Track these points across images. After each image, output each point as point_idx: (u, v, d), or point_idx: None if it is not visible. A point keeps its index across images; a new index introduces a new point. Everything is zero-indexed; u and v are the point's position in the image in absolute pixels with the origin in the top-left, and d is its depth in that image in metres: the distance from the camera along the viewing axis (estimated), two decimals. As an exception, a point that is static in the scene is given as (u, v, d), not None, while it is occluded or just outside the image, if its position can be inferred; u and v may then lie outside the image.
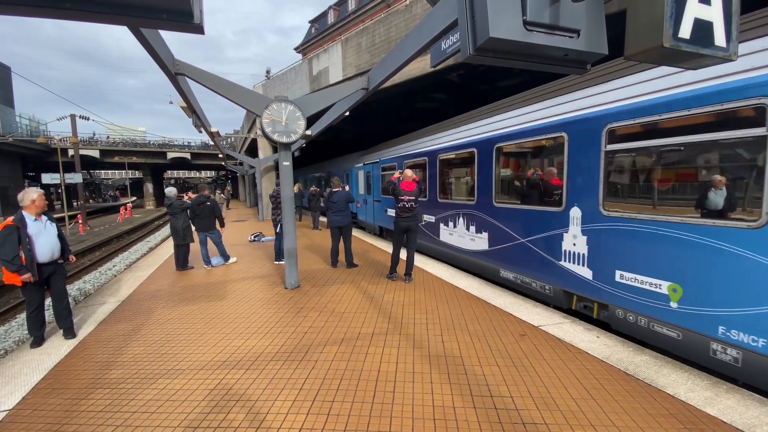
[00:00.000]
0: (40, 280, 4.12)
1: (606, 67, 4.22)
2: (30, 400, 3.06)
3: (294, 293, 5.77)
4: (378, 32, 11.27)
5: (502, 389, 3.00)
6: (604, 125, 4.11)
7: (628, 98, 3.89)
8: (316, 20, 45.75)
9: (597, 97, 4.28)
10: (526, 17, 1.71)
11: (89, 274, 10.38)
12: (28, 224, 4.05)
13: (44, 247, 4.13)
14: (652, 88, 3.67)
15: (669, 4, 1.53)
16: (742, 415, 2.57)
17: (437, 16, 3.05)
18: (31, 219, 4.10)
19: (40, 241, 4.11)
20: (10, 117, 35.32)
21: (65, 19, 1.60)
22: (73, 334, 4.35)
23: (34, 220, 4.13)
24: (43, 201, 4.24)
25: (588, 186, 4.31)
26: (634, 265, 3.83)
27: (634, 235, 3.81)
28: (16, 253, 3.86)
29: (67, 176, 21.05)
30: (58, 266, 4.37)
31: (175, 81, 5.02)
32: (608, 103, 4.11)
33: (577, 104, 4.52)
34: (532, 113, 5.26)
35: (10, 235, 3.88)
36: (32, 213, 4.13)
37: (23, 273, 3.89)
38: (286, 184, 6.01)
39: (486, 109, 6.49)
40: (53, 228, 4.33)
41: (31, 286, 4.09)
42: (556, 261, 4.83)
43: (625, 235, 3.89)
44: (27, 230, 4.01)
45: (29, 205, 4.11)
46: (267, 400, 2.93)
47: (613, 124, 4.00)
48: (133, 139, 48.34)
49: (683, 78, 3.36)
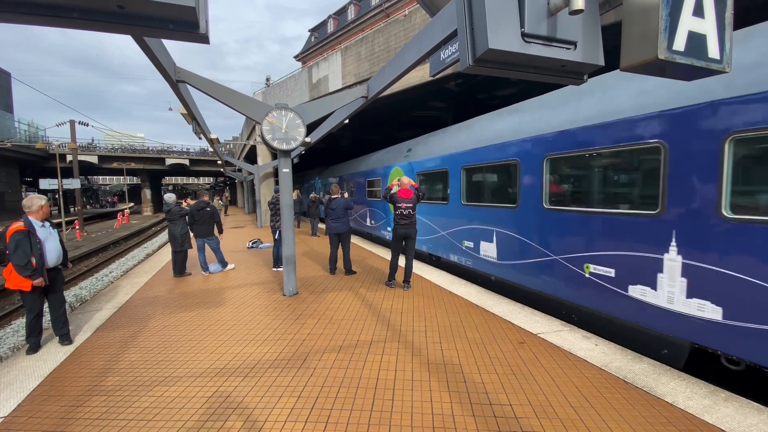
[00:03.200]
0: (45, 285, 4.11)
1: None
2: (26, 407, 3.03)
3: (292, 300, 5.76)
4: (377, 41, 11.42)
5: (501, 397, 3.00)
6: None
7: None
8: (316, 29, 46.25)
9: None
10: (524, 29, 1.75)
11: (86, 281, 10.32)
12: (36, 229, 4.07)
13: (52, 252, 4.18)
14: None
15: (663, 17, 1.58)
16: (740, 423, 2.58)
17: (436, 27, 3.10)
18: (38, 224, 4.13)
19: (49, 246, 4.15)
20: (9, 122, 35.34)
21: (74, 28, 1.63)
22: (69, 340, 4.33)
23: (41, 225, 4.16)
24: (48, 208, 4.31)
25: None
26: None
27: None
28: (29, 258, 3.87)
29: (65, 182, 21.02)
30: (58, 272, 4.37)
31: (176, 88, 5.07)
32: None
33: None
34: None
35: (22, 240, 3.88)
36: (39, 219, 4.15)
37: (36, 278, 3.91)
38: (285, 190, 6.03)
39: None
40: (56, 234, 4.37)
41: (34, 293, 4.08)
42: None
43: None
44: (37, 235, 4.03)
45: (37, 211, 4.13)
46: (265, 408, 2.91)
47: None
48: (132, 145, 48.37)
49: None
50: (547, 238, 5.08)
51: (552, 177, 5.08)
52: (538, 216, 5.21)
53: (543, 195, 5.13)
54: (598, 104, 4.37)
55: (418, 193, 6.17)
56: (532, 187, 5.33)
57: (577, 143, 4.56)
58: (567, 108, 4.83)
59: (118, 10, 1.57)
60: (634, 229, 3.92)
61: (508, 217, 5.87)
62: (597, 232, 4.33)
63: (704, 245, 3.33)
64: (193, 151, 49.88)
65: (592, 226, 4.40)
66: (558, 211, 4.91)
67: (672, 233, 3.57)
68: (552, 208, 5.00)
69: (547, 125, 5.04)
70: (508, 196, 5.88)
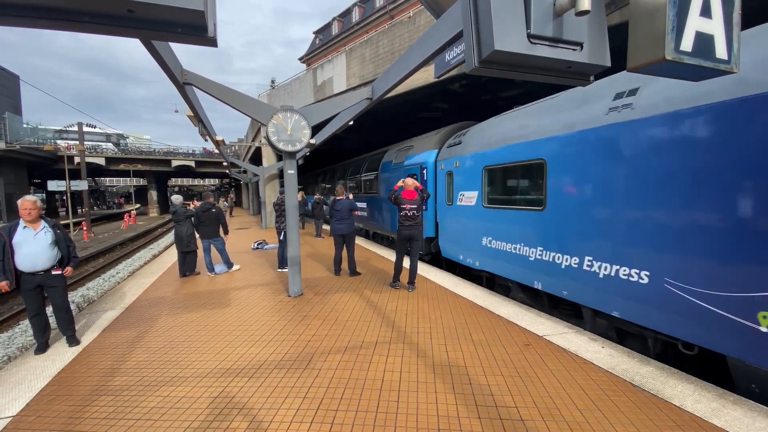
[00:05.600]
0: (31, 287, 4.10)
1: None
2: (34, 406, 3.07)
3: (297, 301, 5.77)
4: (382, 43, 11.44)
5: (506, 399, 2.98)
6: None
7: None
8: (321, 31, 46.44)
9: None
10: (530, 30, 1.75)
11: (93, 281, 10.43)
12: (16, 233, 4.05)
13: (26, 258, 4.03)
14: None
15: (670, 17, 1.57)
16: (749, 426, 2.55)
17: (441, 28, 3.10)
18: (21, 227, 4.09)
19: (23, 251, 4.02)
20: (18, 125, 35.79)
21: (84, 32, 1.66)
22: (76, 341, 4.34)
23: (24, 227, 4.09)
24: (25, 209, 4.09)
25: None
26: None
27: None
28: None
29: (73, 183, 21.26)
30: (51, 277, 4.20)
31: (183, 90, 5.11)
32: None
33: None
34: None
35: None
36: (25, 220, 4.11)
37: (0, 280, 3.93)
38: (290, 192, 6.05)
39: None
40: (46, 237, 4.17)
41: (25, 293, 4.11)
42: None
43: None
44: (12, 239, 4.01)
45: (21, 212, 4.10)
46: (270, 409, 2.92)
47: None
48: (139, 147, 48.79)
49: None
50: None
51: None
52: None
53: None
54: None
55: (422, 194, 6.23)
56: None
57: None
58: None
59: (127, 14, 1.59)
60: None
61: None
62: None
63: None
64: (199, 152, 50.24)
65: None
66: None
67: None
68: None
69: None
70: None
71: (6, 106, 35.31)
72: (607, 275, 4.24)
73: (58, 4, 1.54)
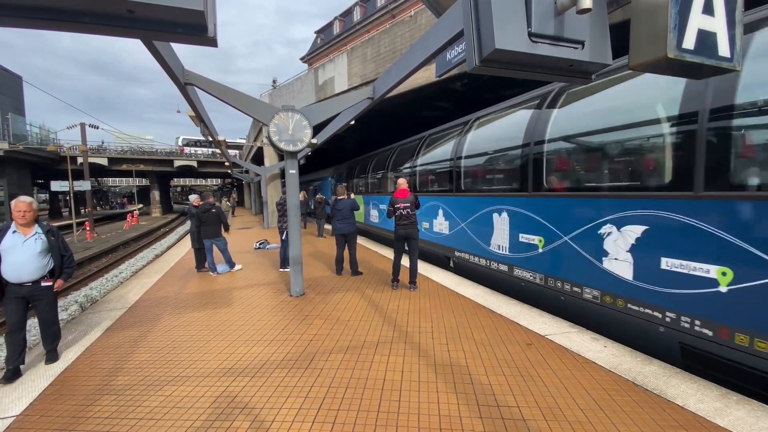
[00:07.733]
0: (12, 300, 3.65)
1: None
2: (37, 406, 3.08)
3: (299, 301, 5.78)
4: (383, 42, 11.43)
5: (508, 399, 2.98)
6: None
7: None
8: (322, 31, 46.44)
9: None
10: (531, 29, 1.74)
11: (96, 281, 10.48)
12: (5, 237, 3.63)
13: (10, 267, 3.60)
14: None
15: (672, 15, 1.56)
16: (752, 426, 2.53)
17: (442, 27, 3.09)
18: (11, 231, 3.68)
19: (8, 259, 3.60)
20: (21, 125, 35.97)
21: (85, 33, 1.66)
22: (54, 358, 3.89)
23: (13, 232, 3.67)
24: (19, 211, 3.69)
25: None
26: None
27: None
28: None
29: (76, 184, 21.33)
30: (38, 289, 3.74)
31: (185, 91, 5.11)
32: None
33: None
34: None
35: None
36: (18, 223, 3.72)
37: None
38: (292, 192, 6.06)
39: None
40: (35, 245, 3.71)
41: (6, 303, 3.65)
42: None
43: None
44: (0, 245, 3.61)
45: (13, 214, 3.72)
46: (272, 408, 2.93)
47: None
48: (141, 147, 48.96)
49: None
50: None
51: None
52: None
53: None
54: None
55: (415, 193, 6.40)
56: None
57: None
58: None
59: (128, 15, 1.59)
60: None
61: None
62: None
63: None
64: (201, 152, 50.38)
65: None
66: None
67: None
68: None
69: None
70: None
71: (9, 107, 35.51)
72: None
73: (58, 4, 1.54)
